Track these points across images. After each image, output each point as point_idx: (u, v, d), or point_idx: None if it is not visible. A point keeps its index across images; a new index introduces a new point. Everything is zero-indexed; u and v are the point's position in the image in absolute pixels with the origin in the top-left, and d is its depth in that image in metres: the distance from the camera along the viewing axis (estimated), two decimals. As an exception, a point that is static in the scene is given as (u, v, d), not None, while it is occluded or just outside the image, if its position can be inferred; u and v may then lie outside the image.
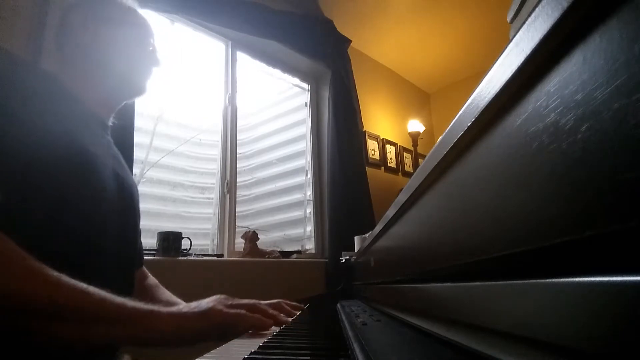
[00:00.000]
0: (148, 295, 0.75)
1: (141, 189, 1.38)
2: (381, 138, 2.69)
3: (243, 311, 0.54)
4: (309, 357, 0.37)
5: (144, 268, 0.82)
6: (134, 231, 0.70)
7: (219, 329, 0.50)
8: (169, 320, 0.47)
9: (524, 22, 0.16)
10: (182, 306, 0.51)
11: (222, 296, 0.56)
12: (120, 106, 0.72)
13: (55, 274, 0.41)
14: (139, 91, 0.72)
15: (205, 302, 0.52)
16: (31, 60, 1.05)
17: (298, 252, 1.95)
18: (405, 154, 2.90)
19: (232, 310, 0.52)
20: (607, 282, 0.12)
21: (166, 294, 0.79)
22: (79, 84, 0.64)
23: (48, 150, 0.49)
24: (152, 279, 0.82)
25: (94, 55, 0.65)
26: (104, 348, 0.56)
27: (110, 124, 0.71)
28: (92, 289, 0.43)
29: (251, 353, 0.38)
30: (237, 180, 1.82)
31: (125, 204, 0.65)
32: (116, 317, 0.44)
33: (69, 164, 0.52)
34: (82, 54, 0.65)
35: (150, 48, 0.73)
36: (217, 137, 1.81)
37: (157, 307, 0.48)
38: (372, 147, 2.57)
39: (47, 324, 0.40)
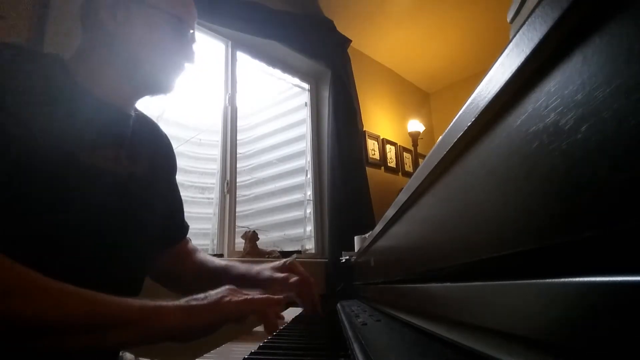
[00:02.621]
0: (197, 265, 0.76)
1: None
2: (381, 138, 2.69)
3: (250, 295, 0.53)
4: (309, 357, 0.37)
5: (190, 243, 0.80)
6: (141, 227, 0.64)
7: (230, 318, 0.50)
8: (177, 315, 0.46)
9: (524, 22, 0.16)
10: (190, 299, 0.50)
11: (230, 287, 0.55)
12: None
13: (58, 285, 0.39)
14: (165, 89, 0.64)
15: (214, 293, 0.51)
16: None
17: (298, 252, 1.95)
18: (405, 154, 2.90)
19: (241, 298, 0.51)
20: (607, 282, 0.12)
21: (210, 258, 0.79)
22: (94, 73, 0.57)
23: (38, 144, 0.46)
24: (201, 253, 0.81)
25: (119, 45, 0.57)
26: (115, 350, 0.55)
27: (132, 113, 0.64)
28: (99, 295, 0.42)
29: (251, 353, 0.38)
30: (237, 180, 1.82)
31: (122, 203, 0.60)
32: (125, 320, 0.43)
33: (57, 160, 0.49)
34: (106, 41, 0.57)
35: (188, 38, 0.63)
36: (217, 137, 1.81)
37: (165, 303, 0.47)
38: (372, 147, 2.57)
39: (58, 337, 0.39)
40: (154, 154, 0.69)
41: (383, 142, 2.69)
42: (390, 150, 2.75)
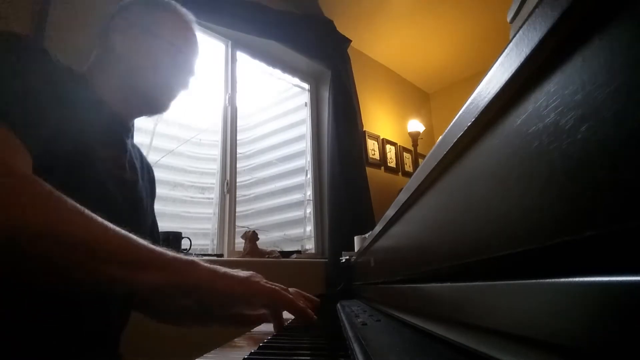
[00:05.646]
0: None
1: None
2: (381, 138, 2.69)
3: (279, 287, 0.54)
4: (308, 357, 0.37)
5: None
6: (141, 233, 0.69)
7: (251, 298, 0.50)
8: (207, 274, 0.46)
9: (524, 22, 0.16)
10: (220, 267, 0.50)
11: (255, 273, 0.56)
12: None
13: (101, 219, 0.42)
14: (160, 109, 0.72)
15: (243, 272, 0.52)
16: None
17: (298, 252, 1.95)
18: (405, 154, 2.90)
19: (269, 285, 0.52)
20: (607, 282, 0.12)
21: None
22: (104, 86, 0.63)
23: (55, 148, 0.49)
24: None
25: (124, 65, 0.65)
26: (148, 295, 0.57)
27: (131, 126, 0.70)
28: (133, 235, 0.44)
29: (251, 353, 0.38)
30: (237, 180, 1.82)
31: (129, 207, 0.64)
32: (159, 263, 0.44)
33: (69, 164, 0.52)
34: (114, 60, 0.65)
35: (187, 70, 0.71)
36: (217, 137, 1.81)
37: (198, 259, 0.48)
38: (372, 147, 2.57)
39: (94, 263, 0.40)
40: (143, 173, 0.74)
41: (383, 142, 2.69)
42: (390, 150, 2.75)
